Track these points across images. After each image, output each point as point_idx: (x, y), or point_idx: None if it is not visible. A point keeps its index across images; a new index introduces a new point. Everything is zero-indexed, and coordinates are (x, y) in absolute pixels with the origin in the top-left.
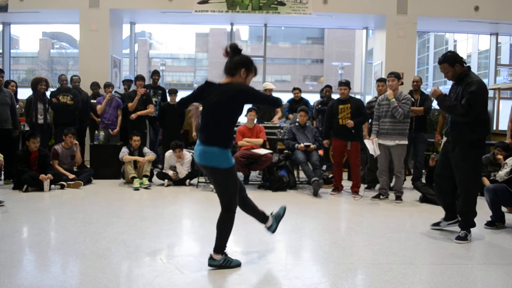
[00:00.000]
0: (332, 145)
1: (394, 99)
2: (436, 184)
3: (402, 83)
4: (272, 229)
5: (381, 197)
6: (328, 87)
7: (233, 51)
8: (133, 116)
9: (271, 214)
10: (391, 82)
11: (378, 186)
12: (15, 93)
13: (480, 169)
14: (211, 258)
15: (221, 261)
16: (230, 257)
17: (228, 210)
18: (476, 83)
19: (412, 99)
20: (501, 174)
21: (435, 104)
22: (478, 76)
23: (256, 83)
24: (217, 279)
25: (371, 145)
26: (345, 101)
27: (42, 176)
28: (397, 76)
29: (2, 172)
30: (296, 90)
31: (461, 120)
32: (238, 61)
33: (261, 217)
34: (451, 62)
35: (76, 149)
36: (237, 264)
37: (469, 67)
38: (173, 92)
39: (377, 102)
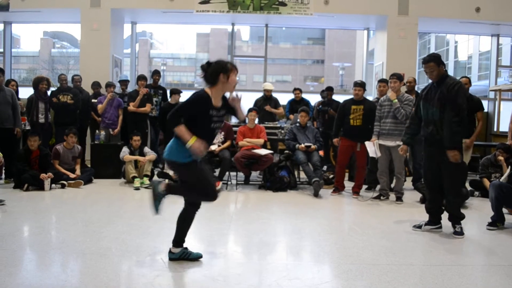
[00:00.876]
0: (340, 145)
1: (396, 100)
2: (430, 192)
3: (404, 84)
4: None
5: (381, 197)
6: (330, 89)
7: (207, 66)
8: (130, 109)
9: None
10: (393, 84)
11: (378, 187)
12: (16, 92)
13: None
14: (170, 251)
15: (179, 254)
16: (190, 251)
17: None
18: (458, 82)
19: None
20: (503, 177)
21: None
22: None
23: (257, 83)
24: (218, 279)
25: (372, 147)
26: (359, 102)
27: (42, 175)
28: (399, 77)
29: (3, 171)
30: (297, 90)
31: (457, 123)
32: (213, 70)
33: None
34: (437, 62)
35: (76, 163)
36: (198, 256)
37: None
38: (176, 92)
39: (379, 103)
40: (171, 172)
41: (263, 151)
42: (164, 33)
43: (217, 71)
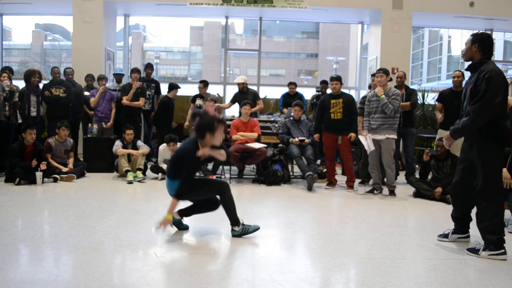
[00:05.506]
0: (324, 139)
1: (383, 96)
2: None
3: (391, 79)
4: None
5: (375, 192)
6: (324, 82)
7: (197, 117)
8: (123, 102)
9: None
10: (380, 78)
11: (372, 181)
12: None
13: None
14: (232, 230)
15: (240, 231)
16: (248, 225)
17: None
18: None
19: None
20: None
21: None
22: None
23: (251, 77)
24: (211, 272)
25: (365, 141)
26: (337, 96)
27: (34, 162)
28: (385, 72)
29: None
30: (292, 85)
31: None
32: (201, 127)
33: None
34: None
35: (69, 157)
36: (255, 229)
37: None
38: (175, 87)
39: (367, 98)
40: (164, 166)
41: (256, 145)
42: (157, 26)
43: (204, 130)
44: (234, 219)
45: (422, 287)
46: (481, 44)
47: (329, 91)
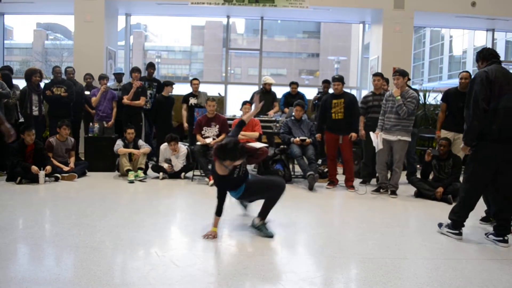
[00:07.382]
0: (325, 139)
1: (399, 97)
2: None
3: (409, 79)
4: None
5: (381, 190)
6: (326, 82)
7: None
8: (124, 102)
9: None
10: (396, 81)
11: (373, 180)
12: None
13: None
14: (253, 220)
15: (257, 225)
16: (266, 227)
17: None
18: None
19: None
20: None
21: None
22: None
23: (252, 76)
24: (212, 272)
25: (375, 139)
26: (339, 96)
27: (34, 168)
28: (402, 73)
29: None
30: (294, 85)
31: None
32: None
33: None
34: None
35: (70, 156)
36: (268, 234)
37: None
38: (169, 84)
39: (385, 97)
40: (165, 166)
41: (258, 144)
42: (158, 26)
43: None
44: (264, 213)
45: (423, 287)
46: (480, 57)
47: (331, 90)
